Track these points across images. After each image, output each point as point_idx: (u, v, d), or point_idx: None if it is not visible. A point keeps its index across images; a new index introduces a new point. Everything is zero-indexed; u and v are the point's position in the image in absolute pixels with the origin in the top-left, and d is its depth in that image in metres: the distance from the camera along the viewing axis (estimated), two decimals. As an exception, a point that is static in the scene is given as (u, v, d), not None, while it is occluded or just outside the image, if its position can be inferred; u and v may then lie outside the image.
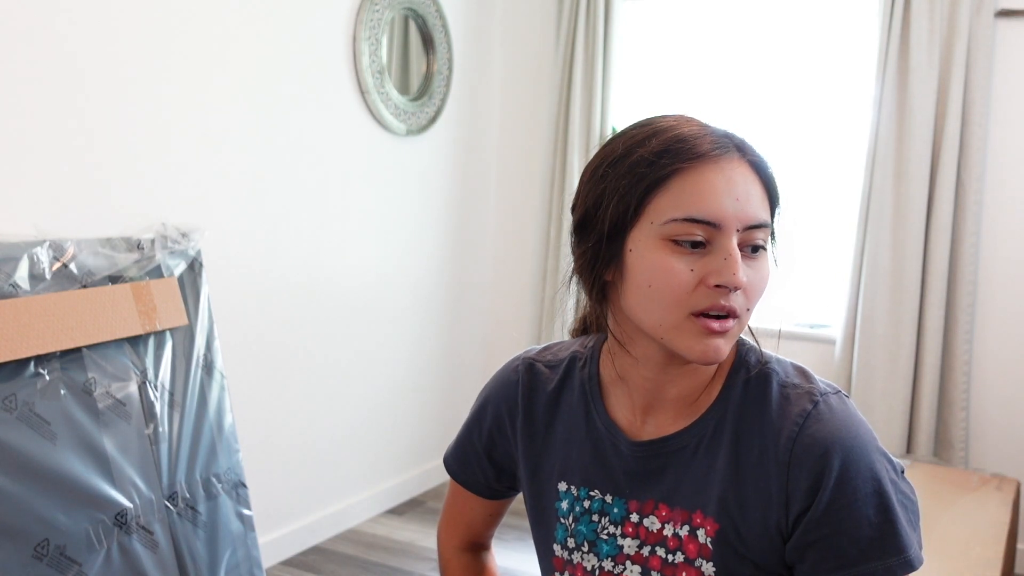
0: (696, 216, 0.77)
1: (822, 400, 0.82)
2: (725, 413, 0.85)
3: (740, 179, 0.79)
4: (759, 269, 0.80)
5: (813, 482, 0.79)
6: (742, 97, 3.20)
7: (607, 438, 0.91)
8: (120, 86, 2.11)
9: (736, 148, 0.81)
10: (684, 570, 0.85)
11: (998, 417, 2.84)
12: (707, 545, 0.84)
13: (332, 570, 2.69)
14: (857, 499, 0.78)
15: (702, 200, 0.77)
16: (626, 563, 0.89)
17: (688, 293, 0.77)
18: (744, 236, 0.79)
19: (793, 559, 0.82)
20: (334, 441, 2.92)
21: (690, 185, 0.78)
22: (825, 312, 3.12)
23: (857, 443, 0.80)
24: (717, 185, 0.77)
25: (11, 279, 1.58)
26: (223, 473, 1.91)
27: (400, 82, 3.07)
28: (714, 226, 0.77)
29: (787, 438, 0.81)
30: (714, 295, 0.77)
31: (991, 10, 2.71)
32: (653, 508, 0.88)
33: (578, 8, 3.30)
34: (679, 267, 0.77)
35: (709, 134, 0.80)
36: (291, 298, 2.69)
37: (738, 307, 0.78)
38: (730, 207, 0.77)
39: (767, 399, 0.84)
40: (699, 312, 0.78)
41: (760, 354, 0.88)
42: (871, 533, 0.78)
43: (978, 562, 1.95)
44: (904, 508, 0.80)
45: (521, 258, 3.60)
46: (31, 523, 1.50)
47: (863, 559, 0.78)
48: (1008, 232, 2.80)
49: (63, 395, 1.61)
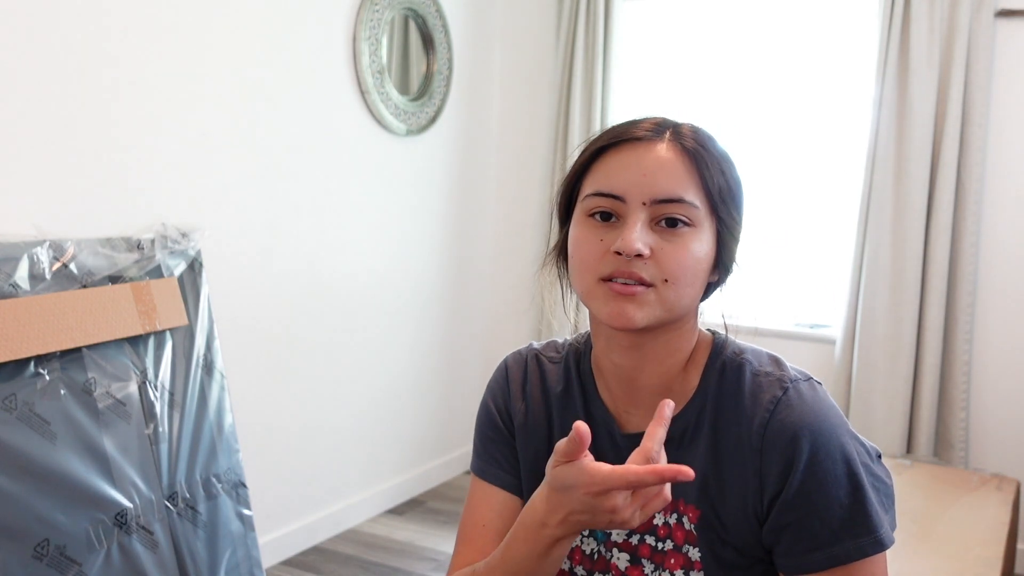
0: (602, 190, 0.85)
1: (792, 386, 0.85)
2: (704, 403, 0.89)
3: (653, 158, 0.84)
4: (675, 242, 0.83)
5: (784, 466, 0.82)
6: (742, 97, 3.20)
7: (604, 427, 0.94)
8: (120, 86, 2.12)
9: (671, 135, 0.86)
10: (673, 556, 0.88)
11: (998, 417, 2.84)
12: (692, 531, 0.87)
13: (332, 570, 2.69)
14: (827, 481, 0.80)
15: (608, 175, 0.85)
16: (613, 550, 0.92)
17: (597, 260, 0.84)
18: (655, 210, 0.83)
19: (769, 542, 0.85)
20: (334, 441, 2.92)
21: (605, 164, 0.86)
22: (825, 312, 3.12)
23: (826, 426, 0.82)
24: (626, 163, 0.84)
25: (11, 279, 1.58)
26: (223, 473, 1.91)
27: (400, 82, 3.07)
28: (619, 199, 0.84)
29: (759, 424, 0.84)
30: (616, 261, 0.82)
31: (991, 10, 2.71)
32: None
33: (578, 8, 3.30)
34: (590, 236, 0.85)
35: (646, 124, 0.87)
36: (291, 298, 2.69)
37: (648, 276, 0.82)
38: (634, 181, 0.83)
39: (741, 388, 0.87)
40: (606, 277, 0.83)
41: (735, 345, 0.91)
42: (842, 514, 0.80)
43: (978, 562, 1.95)
44: (876, 490, 0.82)
45: (521, 258, 3.60)
46: (31, 523, 1.50)
47: (835, 539, 0.80)
48: (1008, 232, 2.80)
49: (63, 395, 1.61)
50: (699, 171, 0.84)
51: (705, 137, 0.87)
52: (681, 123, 0.89)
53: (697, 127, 0.89)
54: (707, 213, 0.84)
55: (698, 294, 0.87)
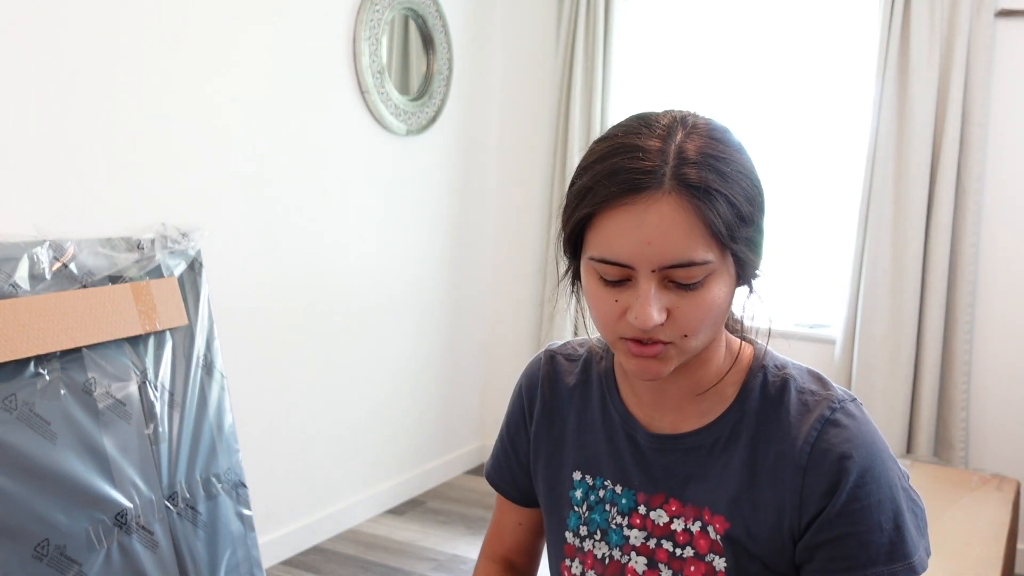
0: (607, 258, 0.79)
1: (840, 407, 0.85)
2: (743, 416, 0.88)
3: (655, 219, 0.76)
4: (692, 299, 0.78)
5: (829, 486, 0.81)
6: (742, 97, 3.19)
7: (622, 429, 0.94)
8: (120, 86, 2.11)
9: (672, 175, 0.76)
10: (693, 564, 0.87)
11: (998, 417, 2.84)
12: (718, 542, 0.86)
13: (332, 570, 2.69)
14: (871, 504, 0.81)
15: (610, 243, 0.78)
16: (631, 554, 0.92)
17: (615, 321, 0.81)
18: (669, 273, 0.77)
19: (802, 559, 0.84)
20: (334, 441, 2.92)
21: (602, 228, 0.79)
22: (825, 312, 3.12)
23: (874, 450, 0.83)
24: (624, 228, 0.77)
25: (11, 279, 1.58)
26: (223, 473, 1.91)
27: (400, 82, 3.07)
28: (625, 267, 0.78)
29: (804, 442, 0.83)
30: (634, 328, 0.79)
31: (991, 10, 2.71)
32: (663, 502, 0.90)
33: (578, 8, 3.30)
34: (605, 297, 0.81)
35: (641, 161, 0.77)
36: (291, 298, 2.69)
37: (666, 336, 0.79)
38: (639, 251, 0.77)
39: (785, 405, 0.86)
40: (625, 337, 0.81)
41: (776, 359, 0.91)
42: (880, 539, 0.80)
43: (978, 562, 1.95)
44: (913, 515, 0.83)
45: (521, 258, 3.60)
46: (31, 523, 1.50)
47: (870, 563, 0.80)
48: (1008, 232, 2.79)
49: (63, 395, 1.61)
50: (706, 220, 0.76)
51: (713, 157, 0.77)
52: (686, 143, 0.77)
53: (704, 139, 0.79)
54: (721, 255, 0.78)
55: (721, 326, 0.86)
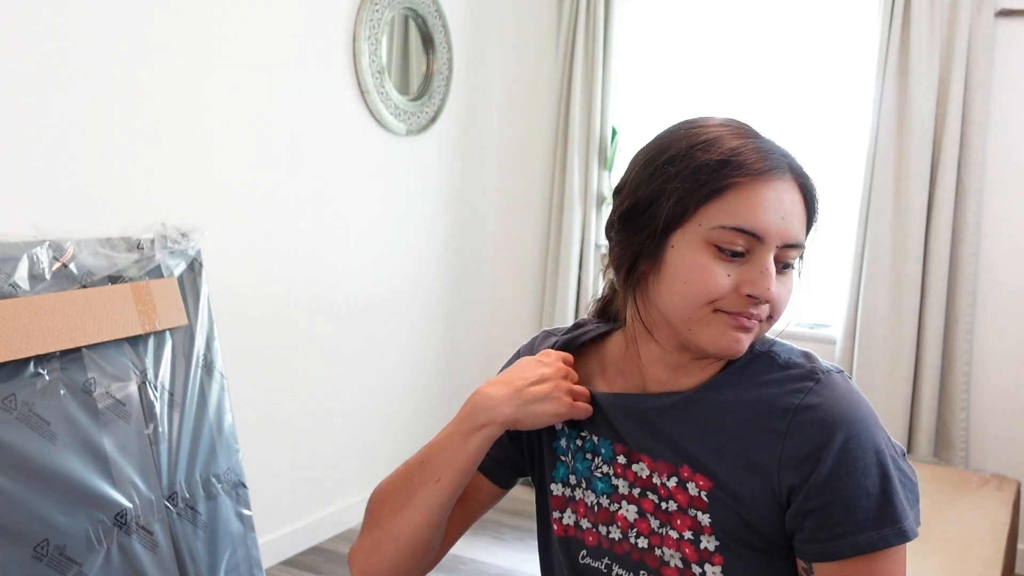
0: (744, 227, 0.82)
1: (824, 376, 0.85)
2: (723, 383, 0.89)
3: (788, 198, 0.85)
4: (786, 284, 0.87)
5: (812, 452, 0.82)
6: (742, 97, 3.19)
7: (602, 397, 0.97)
8: (119, 86, 2.11)
9: (789, 168, 0.87)
10: (679, 517, 0.89)
11: (998, 417, 2.84)
12: (701, 497, 0.88)
13: (332, 570, 2.69)
14: (858, 470, 0.81)
15: (752, 213, 0.82)
16: (622, 502, 0.94)
17: (721, 296, 0.83)
18: (780, 253, 0.85)
19: (792, 527, 0.85)
20: (334, 441, 2.92)
21: (744, 198, 0.83)
22: (825, 312, 3.12)
23: (859, 416, 0.83)
24: (768, 201, 0.83)
25: (11, 279, 1.58)
26: (223, 473, 1.91)
27: (400, 82, 3.07)
28: (757, 238, 0.83)
29: (785, 408, 0.84)
30: (744, 303, 0.83)
31: (991, 10, 2.71)
32: (637, 458, 0.93)
33: (578, 8, 3.30)
34: (718, 271, 0.83)
35: (767, 151, 0.86)
36: (291, 298, 2.69)
37: (762, 315, 0.85)
38: (775, 223, 0.83)
39: (768, 374, 0.88)
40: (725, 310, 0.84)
41: (766, 338, 0.93)
42: (868, 504, 0.81)
43: (978, 562, 1.95)
44: (903, 485, 0.83)
45: (521, 258, 3.60)
46: (31, 523, 1.50)
47: (860, 528, 0.81)
48: (1008, 232, 2.79)
49: (63, 395, 1.61)
50: (809, 209, 0.88)
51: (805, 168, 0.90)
52: (787, 151, 0.89)
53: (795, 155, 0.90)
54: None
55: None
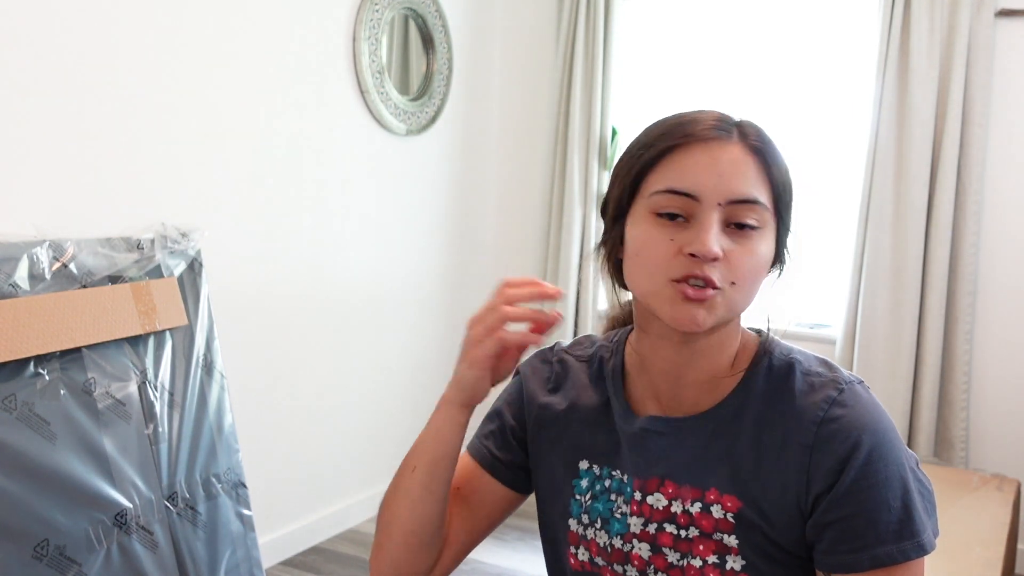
0: (675, 188, 0.82)
1: (847, 387, 0.85)
2: (747, 399, 0.88)
3: (727, 158, 0.83)
4: (745, 245, 0.83)
5: (836, 463, 0.82)
6: (742, 97, 3.19)
7: (622, 418, 0.95)
8: (120, 86, 2.11)
9: (739, 133, 0.85)
10: (701, 543, 0.87)
11: (998, 417, 2.84)
12: (727, 519, 0.86)
13: (332, 570, 2.69)
14: (879, 483, 0.81)
15: (683, 174, 0.82)
16: (633, 541, 0.92)
17: (667, 261, 0.82)
18: (728, 211, 0.82)
19: (812, 538, 0.85)
20: (334, 441, 2.92)
21: (676, 162, 0.83)
22: (825, 312, 3.12)
23: (880, 429, 0.83)
24: (700, 161, 0.82)
25: (11, 279, 1.58)
26: (223, 473, 1.91)
27: (400, 82, 3.07)
28: (693, 198, 0.82)
29: (811, 421, 0.84)
30: (690, 264, 0.81)
31: (991, 10, 2.71)
32: (658, 486, 0.91)
33: (578, 8, 3.30)
34: (660, 236, 0.83)
35: (713, 119, 0.85)
36: (291, 298, 2.69)
37: (717, 278, 0.81)
38: (709, 181, 0.82)
39: (790, 386, 0.87)
40: (677, 279, 0.82)
41: (782, 346, 0.92)
42: (890, 517, 0.80)
43: (978, 562, 1.95)
44: (921, 496, 0.83)
45: (521, 258, 3.60)
46: (31, 523, 1.50)
47: (879, 542, 0.80)
48: (1008, 232, 2.79)
49: (63, 395, 1.61)
50: (767, 171, 0.85)
51: (766, 134, 0.87)
52: (740, 120, 0.87)
53: (755, 124, 0.88)
54: (771, 214, 0.85)
55: (757, 293, 0.88)
